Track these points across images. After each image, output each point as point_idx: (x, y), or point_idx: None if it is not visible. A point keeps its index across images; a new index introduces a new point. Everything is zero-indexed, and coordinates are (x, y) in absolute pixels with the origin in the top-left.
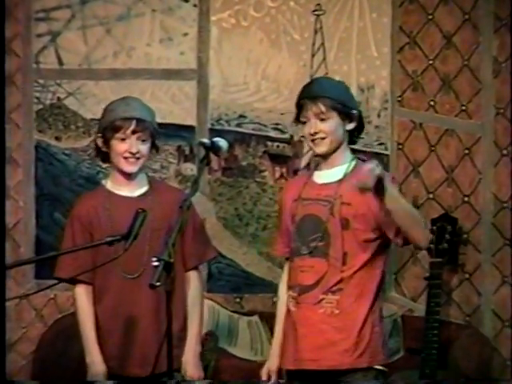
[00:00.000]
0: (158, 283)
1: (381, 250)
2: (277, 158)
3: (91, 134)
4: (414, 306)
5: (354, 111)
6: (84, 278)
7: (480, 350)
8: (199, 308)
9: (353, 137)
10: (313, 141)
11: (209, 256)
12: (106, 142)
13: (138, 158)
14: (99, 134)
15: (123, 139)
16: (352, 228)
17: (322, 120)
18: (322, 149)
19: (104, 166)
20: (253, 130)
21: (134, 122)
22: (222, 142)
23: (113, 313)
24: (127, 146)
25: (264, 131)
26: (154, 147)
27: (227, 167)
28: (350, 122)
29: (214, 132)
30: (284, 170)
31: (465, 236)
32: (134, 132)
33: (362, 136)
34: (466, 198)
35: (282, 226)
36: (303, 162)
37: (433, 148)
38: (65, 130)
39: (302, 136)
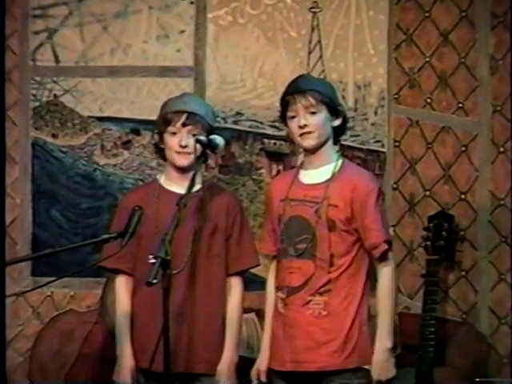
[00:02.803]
0: (154, 280)
1: (365, 249)
2: (273, 156)
3: (88, 132)
4: (411, 304)
5: (341, 107)
6: (125, 269)
7: (476, 347)
8: (238, 317)
9: (336, 136)
10: (301, 135)
11: (251, 263)
12: (161, 138)
13: (190, 153)
14: (156, 131)
15: (174, 133)
16: (338, 230)
17: (312, 113)
18: (310, 142)
19: (102, 163)
20: (249, 127)
21: (184, 116)
22: (219, 140)
23: (147, 306)
24: (178, 140)
25: (261, 128)
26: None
27: (224, 164)
28: (337, 118)
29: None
30: (281, 167)
31: (461, 233)
32: (184, 125)
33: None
34: (462, 196)
35: (269, 224)
36: (300, 159)
37: (429, 145)
38: (61, 128)
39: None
